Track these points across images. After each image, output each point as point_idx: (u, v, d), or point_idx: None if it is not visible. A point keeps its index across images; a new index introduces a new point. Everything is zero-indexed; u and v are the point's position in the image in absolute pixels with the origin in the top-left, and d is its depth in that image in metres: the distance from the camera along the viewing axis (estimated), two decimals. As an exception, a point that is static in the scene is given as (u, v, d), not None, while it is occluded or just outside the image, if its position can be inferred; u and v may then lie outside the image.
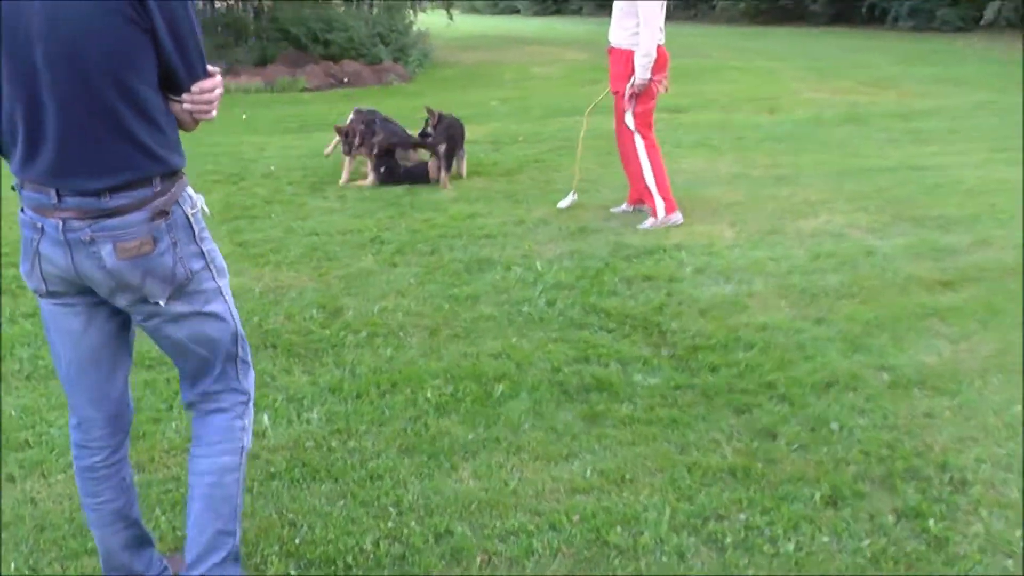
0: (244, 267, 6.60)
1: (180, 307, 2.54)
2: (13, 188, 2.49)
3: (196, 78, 2.42)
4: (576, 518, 3.35)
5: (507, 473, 3.71)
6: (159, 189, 2.43)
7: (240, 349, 2.76)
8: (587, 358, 4.76)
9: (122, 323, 2.67)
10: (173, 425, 4.25)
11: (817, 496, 3.43)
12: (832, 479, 3.53)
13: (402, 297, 5.83)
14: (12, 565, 3.28)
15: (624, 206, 7.56)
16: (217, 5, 22.47)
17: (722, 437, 3.92)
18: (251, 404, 2.83)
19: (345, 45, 20.48)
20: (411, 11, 23.69)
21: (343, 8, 22.55)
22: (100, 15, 2.24)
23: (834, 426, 3.95)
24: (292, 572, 3.13)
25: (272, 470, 3.78)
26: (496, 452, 3.88)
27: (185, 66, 2.39)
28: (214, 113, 2.50)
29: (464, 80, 19.99)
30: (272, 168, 9.96)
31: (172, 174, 2.48)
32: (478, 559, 3.15)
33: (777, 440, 3.88)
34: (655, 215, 7.13)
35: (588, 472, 3.67)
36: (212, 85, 2.46)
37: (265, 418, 4.26)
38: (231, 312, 2.70)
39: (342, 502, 3.56)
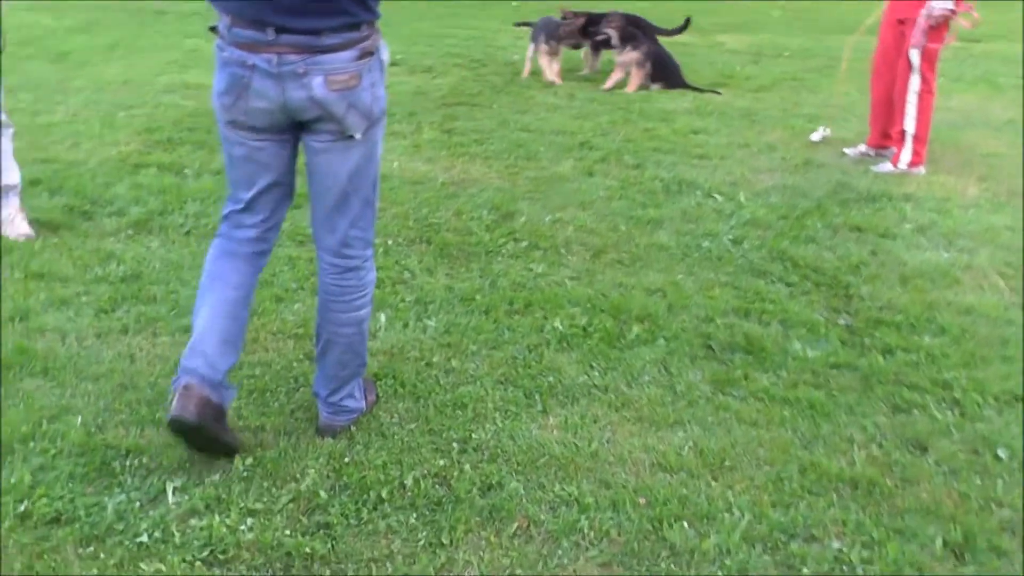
0: (440, 155, 6.40)
1: (360, 140, 2.86)
2: (212, 29, 2.84)
3: None
4: (643, 501, 2.90)
5: (597, 430, 3.30)
6: (365, 34, 2.78)
7: (376, 197, 3.05)
8: (748, 312, 4.22)
9: (295, 158, 3.01)
10: (295, 307, 4.12)
11: (940, 540, 2.79)
12: (970, 522, 2.87)
13: (582, 210, 5.42)
14: (79, 419, 3.24)
15: (862, 147, 6.70)
16: None
17: (862, 437, 3.32)
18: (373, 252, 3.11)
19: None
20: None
21: None
22: None
23: (1002, 453, 3.25)
24: (322, 492, 2.89)
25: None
26: (597, 403, 3.47)
27: None
28: None
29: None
30: (515, 58, 9.64)
31: (374, 23, 2.82)
32: (515, 524, 2.78)
33: (926, 455, 3.24)
34: (896, 162, 6.30)
35: (686, 448, 3.20)
36: None
37: (383, 317, 4.05)
38: (380, 160, 3.01)
39: (412, 426, 3.29)
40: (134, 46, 10.31)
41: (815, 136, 6.96)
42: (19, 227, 4.91)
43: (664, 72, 8.60)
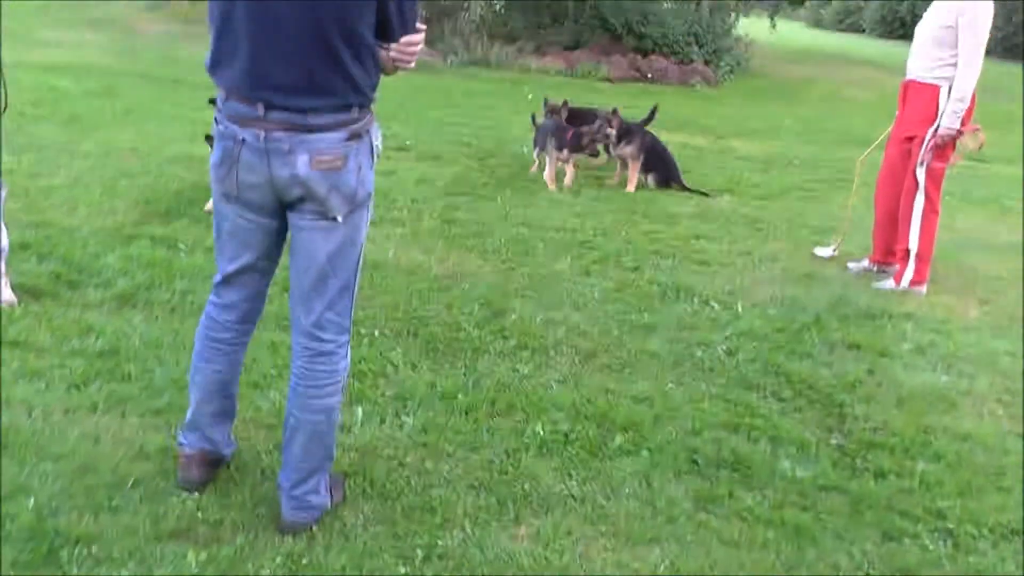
0: (437, 245, 6.34)
1: (342, 223, 2.87)
2: (211, 101, 2.92)
3: (407, 32, 2.84)
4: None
5: (570, 543, 3.16)
6: (356, 116, 2.81)
7: (355, 283, 3.03)
8: (737, 427, 4.09)
9: (282, 239, 3.06)
10: (270, 395, 4.00)
11: None
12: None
13: (575, 311, 5.33)
14: (32, 501, 3.10)
15: (865, 263, 6.61)
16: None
17: (849, 565, 3.18)
18: (349, 341, 3.10)
19: (659, 40, 19.97)
20: (733, 14, 22.79)
21: (667, 5, 22.00)
22: None
23: (996, 593, 3.10)
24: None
25: (332, 472, 3.41)
26: (573, 514, 3.34)
27: (400, 21, 2.79)
28: (413, 64, 2.93)
29: (769, 94, 19.01)
30: (524, 150, 9.64)
31: (367, 107, 2.86)
32: (474, 643, 2.63)
33: (915, 587, 3.08)
34: (898, 280, 6.20)
35: (662, 567, 3.07)
36: (417, 40, 2.87)
37: (359, 411, 3.94)
38: (364, 244, 3.02)
39: (377, 528, 3.16)
40: (148, 113, 10.35)
41: (823, 252, 6.87)
42: (4, 295, 4.83)
43: (658, 164, 8.58)
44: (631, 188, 8.45)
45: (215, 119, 2.93)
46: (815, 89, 20.34)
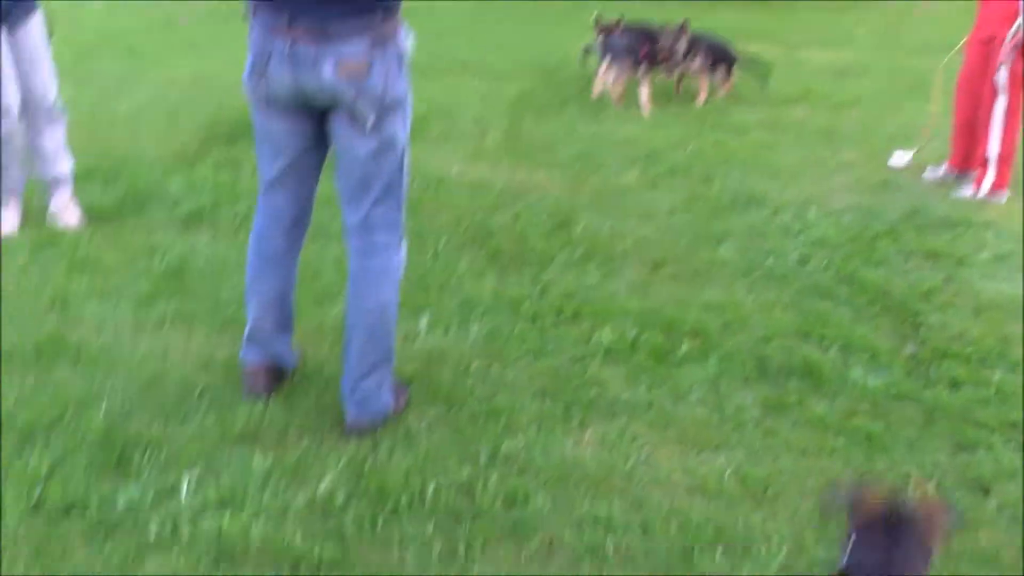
0: (502, 161, 6.28)
1: (375, 127, 2.86)
2: (251, 15, 2.88)
3: None
4: (675, 525, 2.71)
5: (635, 449, 3.12)
6: (380, 21, 2.77)
7: (402, 182, 3.03)
8: (808, 334, 4.00)
9: (321, 141, 3.03)
10: (334, 311, 3.96)
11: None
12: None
13: (644, 222, 5.25)
14: (103, 409, 3.16)
15: (943, 170, 6.38)
16: None
17: (919, 474, 3.09)
18: (403, 239, 3.12)
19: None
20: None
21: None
22: None
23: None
24: (339, 496, 2.78)
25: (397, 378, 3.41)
26: (638, 420, 3.30)
27: None
28: None
29: (843, 3, 18.35)
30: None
31: (392, 11, 2.81)
32: (537, 540, 2.62)
33: (987, 498, 3.00)
34: (978, 186, 5.98)
35: (728, 473, 3.01)
36: None
37: (424, 320, 3.92)
38: (406, 143, 3.01)
39: (441, 433, 3.16)
40: (210, 45, 10.36)
41: (898, 160, 6.65)
42: (69, 217, 4.90)
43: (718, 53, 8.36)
44: (701, 101, 8.24)
45: (249, 29, 2.93)
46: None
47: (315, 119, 2.97)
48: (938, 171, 6.36)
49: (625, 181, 5.97)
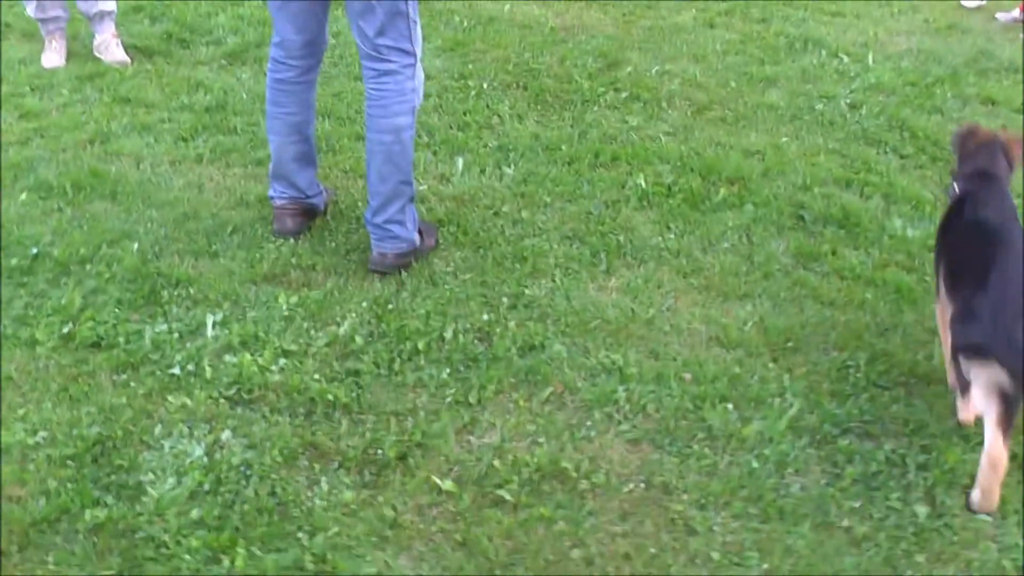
0: (557, 1, 6.07)
1: None
2: None
3: None
4: (688, 376, 2.72)
5: (659, 296, 3.11)
6: None
7: (409, 7, 2.96)
8: (850, 182, 3.90)
9: None
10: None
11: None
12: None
13: (694, 63, 5.10)
14: (136, 245, 3.24)
15: (1016, 13, 6.06)
16: None
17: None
18: (420, 64, 3.09)
19: None
20: None
21: None
22: None
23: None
24: (359, 338, 2.81)
25: (427, 220, 3.43)
26: (666, 267, 3.27)
27: None
28: None
29: None
30: None
31: None
32: (549, 389, 2.65)
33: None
34: (1050, 29, 5.69)
35: (750, 324, 2.99)
36: None
37: (460, 162, 3.90)
38: None
39: (466, 276, 3.17)
40: None
41: (970, 1, 6.33)
42: (114, 53, 4.88)
43: None
44: None
45: None
46: None
47: None
48: (1011, 14, 6.05)
49: (680, 20, 5.77)
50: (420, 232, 3.23)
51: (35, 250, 3.22)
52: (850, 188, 3.86)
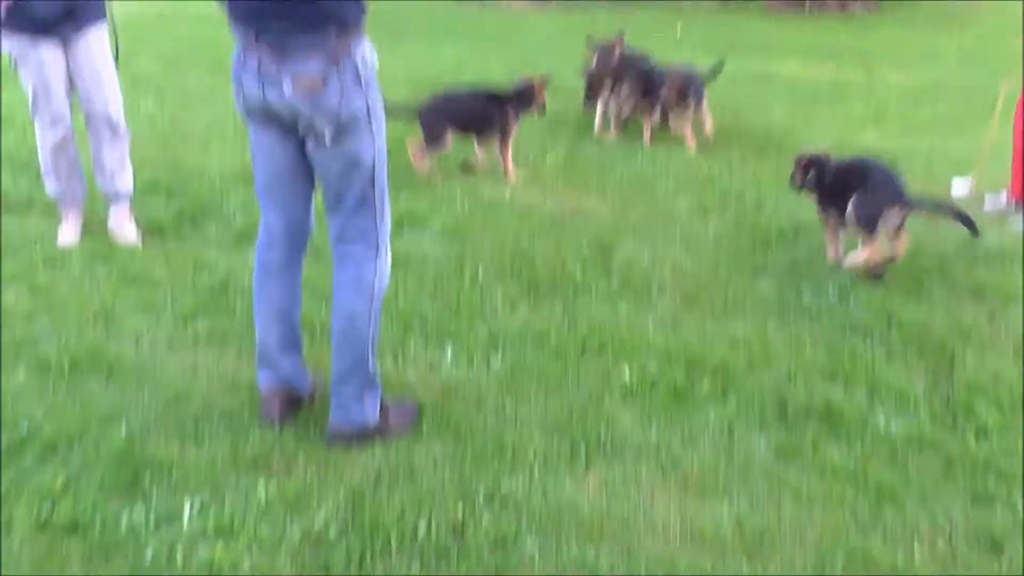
0: (556, 184, 6.35)
1: (337, 141, 2.99)
2: (231, 28, 3.01)
3: None
4: (662, 574, 2.72)
5: (636, 492, 3.13)
6: (335, 39, 2.89)
7: (376, 197, 3.14)
8: (835, 374, 3.95)
9: (302, 157, 3.14)
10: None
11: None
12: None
13: (687, 251, 5.23)
14: (124, 426, 3.26)
15: (1002, 199, 6.22)
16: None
17: (929, 528, 3.04)
18: (384, 253, 3.21)
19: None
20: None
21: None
22: None
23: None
24: (333, 530, 2.84)
25: (406, 401, 3.50)
26: (645, 462, 3.30)
27: None
28: None
29: (932, 19, 17.90)
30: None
31: (348, 28, 2.91)
32: (517, 579, 2.65)
33: (1000, 556, 2.93)
34: (1035, 220, 5.83)
35: (726, 519, 3.00)
36: None
37: (449, 351, 3.97)
38: (375, 158, 3.10)
39: (445, 468, 3.20)
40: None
41: (958, 188, 6.51)
42: (126, 234, 5.07)
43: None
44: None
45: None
46: (985, 12, 19.09)
47: (297, 134, 3.08)
48: (998, 200, 6.20)
49: (676, 206, 5.94)
50: (386, 413, 3.32)
51: (26, 427, 3.28)
52: (834, 381, 3.91)
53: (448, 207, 5.72)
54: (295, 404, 3.45)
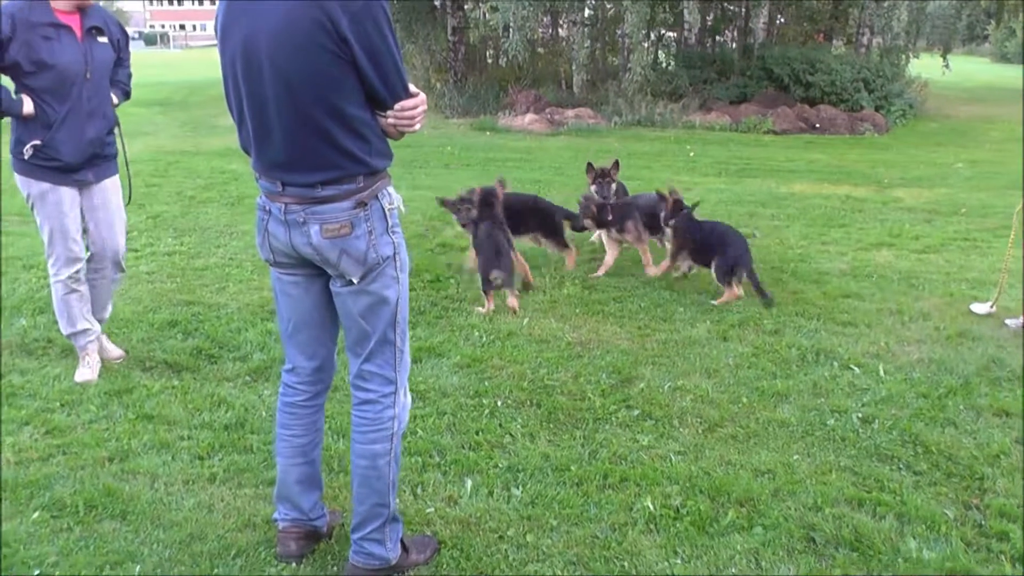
0: (574, 312, 6.33)
1: (363, 285, 3.02)
2: (257, 179, 3.10)
3: (397, 98, 2.94)
4: None
5: (662, 629, 3.02)
6: (361, 185, 2.96)
7: (397, 337, 3.15)
8: (863, 502, 3.87)
9: (329, 298, 3.18)
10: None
11: None
12: None
13: (706, 378, 5.19)
14: (138, 569, 3.21)
15: (1022, 320, 6.19)
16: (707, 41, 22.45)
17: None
18: (403, 393, 3.22)
19: (826, 89, 19.50)
20: (904, 56, 22.04)
21: (836, 48, 21.56)
22: (310, 52, 2.79)
23: None
24: None
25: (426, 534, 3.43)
26: (670, 597, 3.20)
27: (385, 88, 2.90)
28: (417, 127, 3.02)
29: (941, 137, 18.20)
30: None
31: (374, 174, 2.99)
32: None
33: None
34: (1059, 339, 5.78)
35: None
36: (413, 104, 2.96)
37: (468, 483, 3.93)
38: (400, 302, 3.13)
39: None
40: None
41: (980, 308, 6.48)
42: (113, 352, 5.17)
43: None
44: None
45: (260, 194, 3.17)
46: (993, 130, 19.38)
47: (322, 277, 3.15)
48: (1020, 321, 6.17)
49: (694, 333, 5.92)
50: (406, 547, 3.30)
51: (37, 572, 3.22)
52: (863, 508, 3.83)
53: (467, 338, 5.72)
54: (313, 540, 3.43)
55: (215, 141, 15.13)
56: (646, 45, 20.60)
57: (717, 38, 22.73)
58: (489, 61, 23.00)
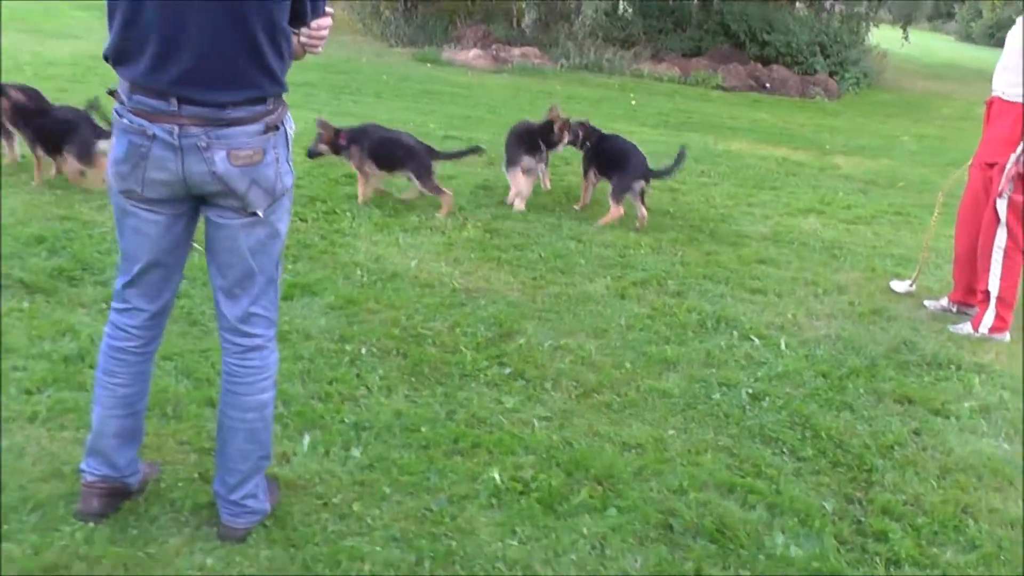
0: (469, 257, 5.94)
1: (263, 216, 2.76)
2: (111, 92, 2.73)
3: (317, 15, 2.77)
4: None
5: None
6: (271, 107, 2.71)
7: (279, 274, 2.93)
8: (734, 488, 3.56)
9: (189, 233, 2.88)
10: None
11: None
12: None
13: (593, 338, 4.85)
14: None
15: (943, 302, 5.91)
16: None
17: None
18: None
19: (781, 49, 19.15)
20: (865, 24, 21.75)
21: (798, 10, 21.19)
22: None
23: None
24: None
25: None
26: (496, 584, 2.87)
27: (313, 5, 2.73)
28: (320, 48, 2.82)
29: (893, 109, 17.99)
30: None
31: (281, 96, 2.76)
32: None
33: None
34: (976, 325, 5.50)
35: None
36: (326, 23, 2.79)
37: (306, 439, 3.56)
38: (285, 234, 2.90)
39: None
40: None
41: (900, 286, 6.19)
42: None
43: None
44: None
45: (116, 111, 2.73)
46: (946, 106, 19.18)
47: (189, 212, 2.83)
48: (939, 302, 5.90)
49: (590, 289, 5.58)
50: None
51: None
52: (732, 494, 3.53)
53: (347, 276, 5.33)
54: (120, 498, 3.07)
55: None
56: (605, -12, 20.10)
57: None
58: (441, -9, 22.33)
